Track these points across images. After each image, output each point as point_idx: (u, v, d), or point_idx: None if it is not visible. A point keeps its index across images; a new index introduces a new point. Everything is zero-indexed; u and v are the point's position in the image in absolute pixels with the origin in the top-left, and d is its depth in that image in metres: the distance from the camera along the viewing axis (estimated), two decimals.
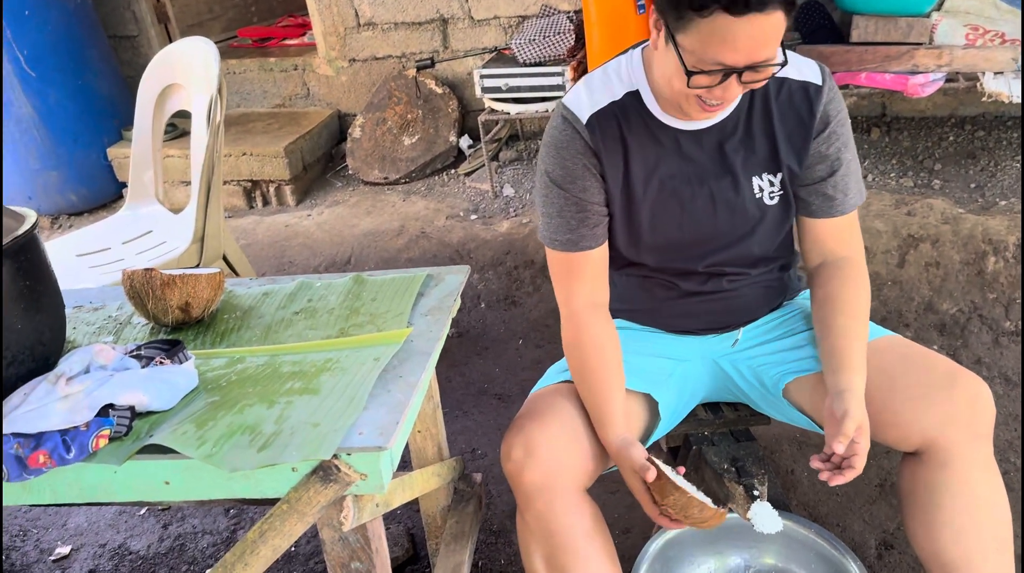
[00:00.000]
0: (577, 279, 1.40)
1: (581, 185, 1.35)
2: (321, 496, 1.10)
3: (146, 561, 2.06)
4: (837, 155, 1.38)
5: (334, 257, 3.11)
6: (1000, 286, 2.50)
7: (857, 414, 1.27)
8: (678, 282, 1.48)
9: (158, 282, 1.42)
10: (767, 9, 1.12)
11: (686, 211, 1.38)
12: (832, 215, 1.42)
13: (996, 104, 3.11)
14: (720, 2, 1.11)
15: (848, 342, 1.34)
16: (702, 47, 1.16)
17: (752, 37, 1.14)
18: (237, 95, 3.99)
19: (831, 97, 1.36)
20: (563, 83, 3.02)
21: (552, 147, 1.37)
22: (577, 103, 1.36)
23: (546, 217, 1.40)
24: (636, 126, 1.35)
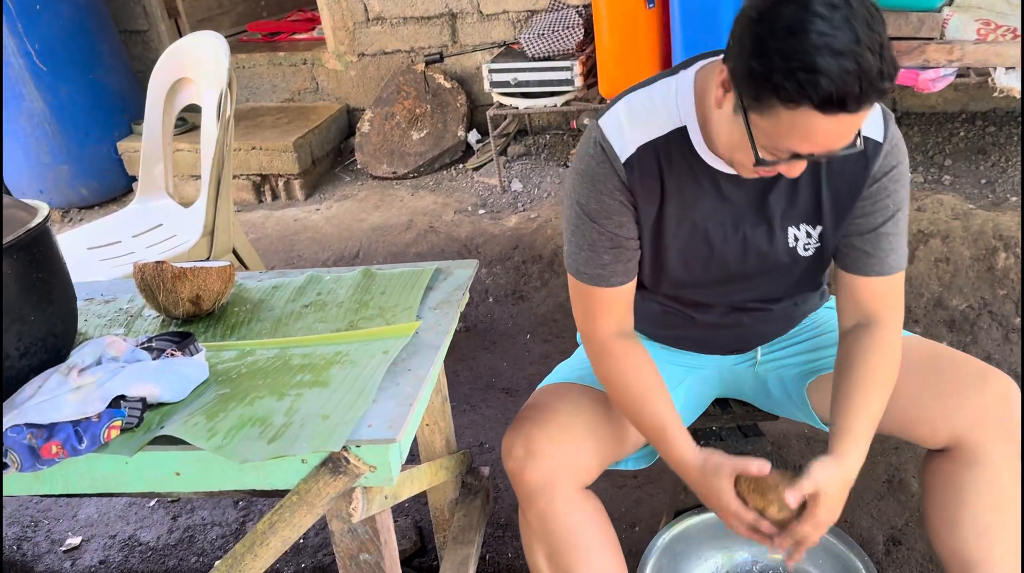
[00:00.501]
0: (605, 313, 1.33)
1: (617, 220, 1.26)
2: (331, 488, 1.11)
3: (156, 552, 2.08)
4: (884, 211, 1.26)
5: (342, 251, 3.12)
6: (1010, 282, 2.49)
7: (825, 483, 1.18)
8: (696, 314, 1.44)
9: (169, 275, 1.42)
10: (862, 109, 1.01)
11: (715, 254, 1.31)
12: (868, 274, 1.30)
13: (1007, 100, 3.09)
14: (812, 100, 0.98)
15: (856, 418, 1.25)
16: (778, 136, 1.05)
17: (836, 133, 1.03)
18: (246, 89, 4.00)
19: (889, 150, 1.24)
20: (572, 78, 3.02)
21: (587, 178, 1.26)
22: (616, 134, 1.23)
23: (576, 247, 1.30)
24: (677, 166, 1.24)
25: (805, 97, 0.98)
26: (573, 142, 3.54)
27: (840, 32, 0.96)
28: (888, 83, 0.98)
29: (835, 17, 0.96)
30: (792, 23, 0.97)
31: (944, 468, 1.34)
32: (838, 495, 1.21)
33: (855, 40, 0.95)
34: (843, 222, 1.28)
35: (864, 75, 0.96)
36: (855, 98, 0.97)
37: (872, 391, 1.26)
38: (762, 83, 1.00)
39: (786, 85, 0.98)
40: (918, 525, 1.85)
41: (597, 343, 1.34)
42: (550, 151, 3.51)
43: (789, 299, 1.46)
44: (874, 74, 0.96)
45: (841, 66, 0.95)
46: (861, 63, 0.95)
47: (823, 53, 0.95)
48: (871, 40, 0.96)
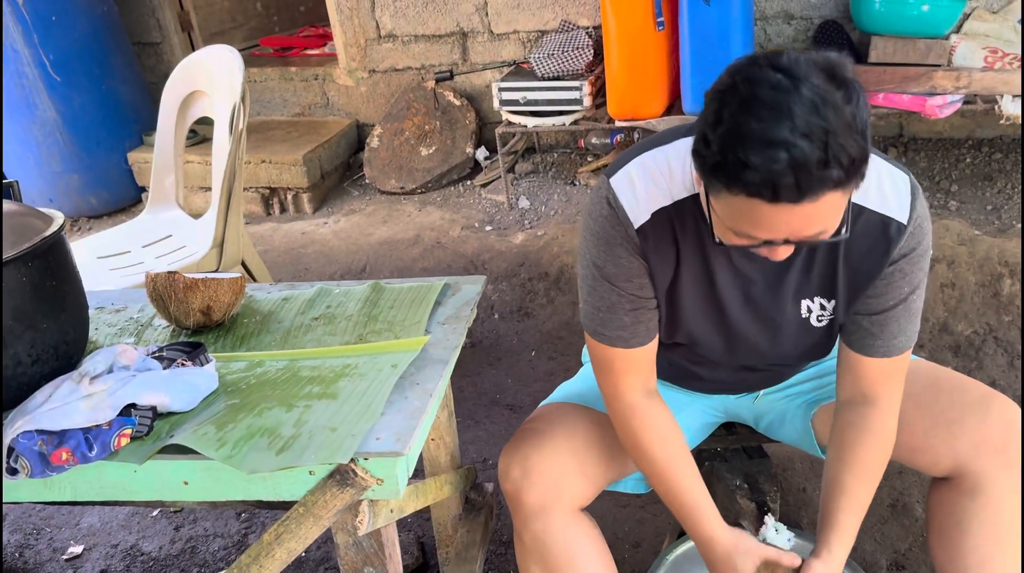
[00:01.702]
0: (628, 374, 1.28)
1: (638, 282, 1.22)
2: (337, 500, 1.11)
3: (157, 562, 2.07)
4: (897, 293, 1.20)
5: (350, 265, 3.13)
6: (1016, 308, 2.50)
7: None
8: (704, 371, 1.42)
9: (181, 285, 1.44)
10: (806, 199, 0.93)
11: (729, 321, 1.27)
12: (871, 355, 1.24)
13: (1014, 127, 3.10)
14: (744, 189, 0.94)
15: (845, 514, 1.24)
16: (733, 221, 1.01)
17: (793, 222, 0.97)
18: (257, 103, 4.03)
19: (913, 231, 1.16)
20: (581, 98, 3.04)
21: (602, 240, 1.20)
22: (629, 198, 1.18)
23: (593, 309, 1.25)
24: (690, 231, 1.19)
25: (736, 186, 0.94)
26: (581, 160, 3.56)
27: (776, 121, 0.90)
28: (837, 171, 0.91)
29: (777, 102, 0.91)
30: (732, 110, 0.93)
31: (947, 497, 1.33)
32: None
33: (791, 128, 0.90)
34: (856, 300, 1.23)
35: (797, 166, 0.90)
36: (791, 189, 0.91)
37: (862, 484, 1.25)
38: (705, 169, 0.98)
39: (720, 174, 0.95)
40: (921, 550, 1.85)
41: (623, 407, 1.29)
42: (557, 169, 3.54)
43: (800, 364, 1.46)
44: (811, 163, 0.90)
45: (769, 157, 0.90)
46: (793, 153, 0.90)
47: (752, 144, 0.91)
48: (811, 127, 0.90)
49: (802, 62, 0.94)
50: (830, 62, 0.95)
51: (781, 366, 1.44)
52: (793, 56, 0.95)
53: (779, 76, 0.93)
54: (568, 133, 3.61)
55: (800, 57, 0.95)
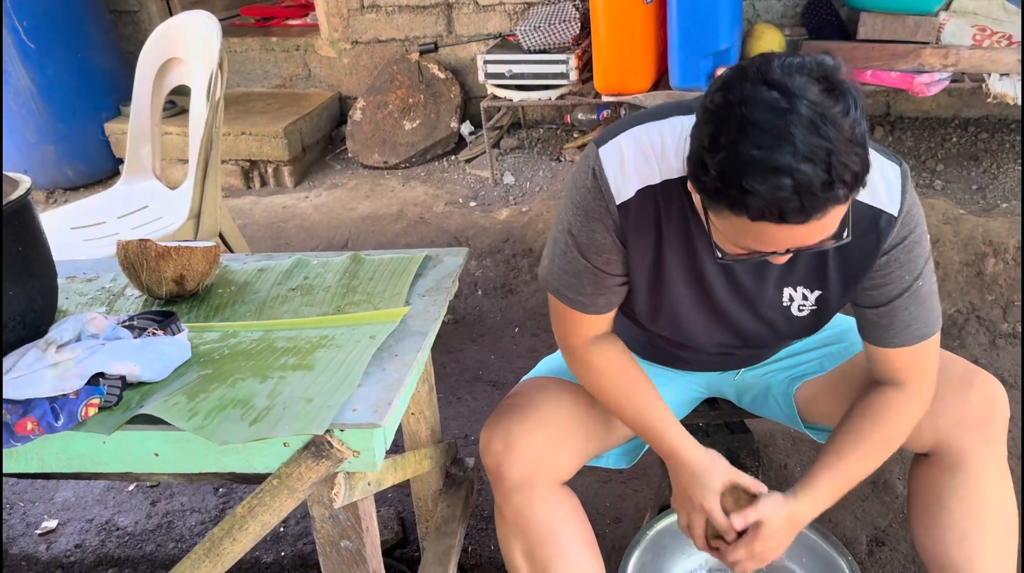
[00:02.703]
0: (581, 329, 1.29)
1: (606, 258, 1.20)
2: (312, 472, 1.09)
3: (133, 537, 2.05)
4: (898, 283, 1.17)
5: (331, 240, 3.09)
6: (999, 288, 2.50)
7: (768, 516, 1.20)
8: (685, 354, 1.42)
9: (153, 253, 1.40)
10: (812, 220, 0.92)
11: (714, 305, 1.26)
12: (888, 346, 1.21)
13: (1000, 106, 3.10)
14: (748, 215, 0.92)
15: (830, 476, 1.23)
16: (735, 237, 1.00)
17: (796, 238, 0.96)
18: (238, 74, 3.96)
19: (903, 220, 1.14)
20: (567, 71, 3.00)
21: (581, 210, 1.18)
22: (616, 172, 1.14)
23: (559, 269, 1.24)
24: (675, 213, 1.16)
25: (741, 211, 0.92)
26: (567, 136, 3.53)
27: (777, 146, 0.88)
28: (841, 190, 0.90)
29: (776, 126, 0.88)
30: (730, 135, 0.90)
31: (928, 472, 1.33)
32: (779, 532, 1.21)
33: (792, 153, 0.87)
34: (850, 292, 1.21)
35: (803, 191, 0.88)
36: (796, 212, 0.90)
37: (858, 455, 1.24)
38: (706, 192, 0.96)
39: (721, 201, 0.94)
40: (901, 526, 1.85)
41: (575, 353, 1.31)
42: (543, 145, 3.50)
43: (780, 349, 1.46)
44: (816, 186, 0.88)
45: (773, 185, 0.88)
46: (797, 178, 0.88)
47: (754, 171, 0.89)
48: (813, 150, 0.88)
49: (795, 74, 0.91)
50: (824, 70, 0.92)
51: (763, 348, 1.43)
52: (785, 66, 0.91)
53: (774, 95, 0.90)
54: (554, 108, 3.57)
55: (793, 66, 0.91)
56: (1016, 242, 2.51)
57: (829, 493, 1.24)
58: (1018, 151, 3.00)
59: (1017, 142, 3.04)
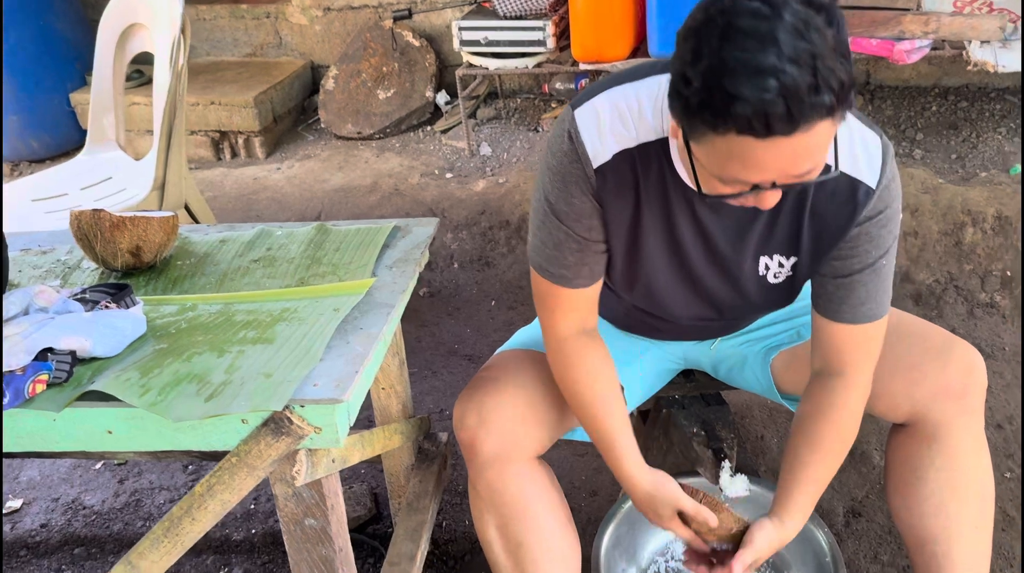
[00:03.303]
0: (566, 311, 1.25)
1: (587, 224, 1.16)
2: (272, 449, 1.05)
3: (100, 516, 2.00)
4: (863, 258, 1.15)
5: (303, 212, 3.03)
6: (977, 257, 2.49)
7: (763, 550, 1.19)
8: (661, 325, 1.39)
9: (107, 224, 1.34)
10: (799, 130, 0.88)
11: (690, 273, 1.23)
12: (838, 320, 1.19)
13: (980, 74, 3.07)
14: (734, 126, 0.88)
15: (803, 488, 1.22)
16: (719, 166, 0.95)
17: (784, 157, 0.91)
18: (206, 43, 3.86)
19: (881, 194, 1.11)
20: (544, 39, 2.93)
21: (557, 176, 1.15)
22: (592, 135, 1.11)
23: (540, 243, 1.20)
24: (654, 177, 1.13)
25: (726, 124, 0.88)
26: (544, 106, 3.47)
27: (761, 49, 0.85)
28: (828, 96, 0.87)
29: (760, 30, 0.86)
30: (712, 44, 0.87)
31: (905, 443, 1.32)
32: (771, 553, 1.22)
33: (777, 54, 0.85)
34: (820, 261, 1.18)
35: (789, 93, 0.85)
36: (783, 119, 0.86)
37: (820, 461, 1.22)
38: (688, 110, 0.92)
39: (706, 113, 0.90)
40: (878, 497, 1.85)
41: (555, 341, 1.26)
42: (521, 115, 3.44)
43: (755, 318, 1.43)
44: (802, 89, 0.85)
45: (758, 86, 0.85)
46: (783, 80, 0.84)
47: (739, 75, 0.86)
48: (799, 52, 0.85)
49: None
50: None
51: (737, 320, 1.41)
52: None
53: (757, 4, 0.87)
54: (531, 77, 3.51)
55: None
56: (995, 211, 2.49)
57: (809, 505, 1.24)
58: (997, 119, 2.98)
59: (996, 110, 3.02)
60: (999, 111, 3.02)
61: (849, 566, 1.68)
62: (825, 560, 1.42)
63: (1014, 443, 1.95)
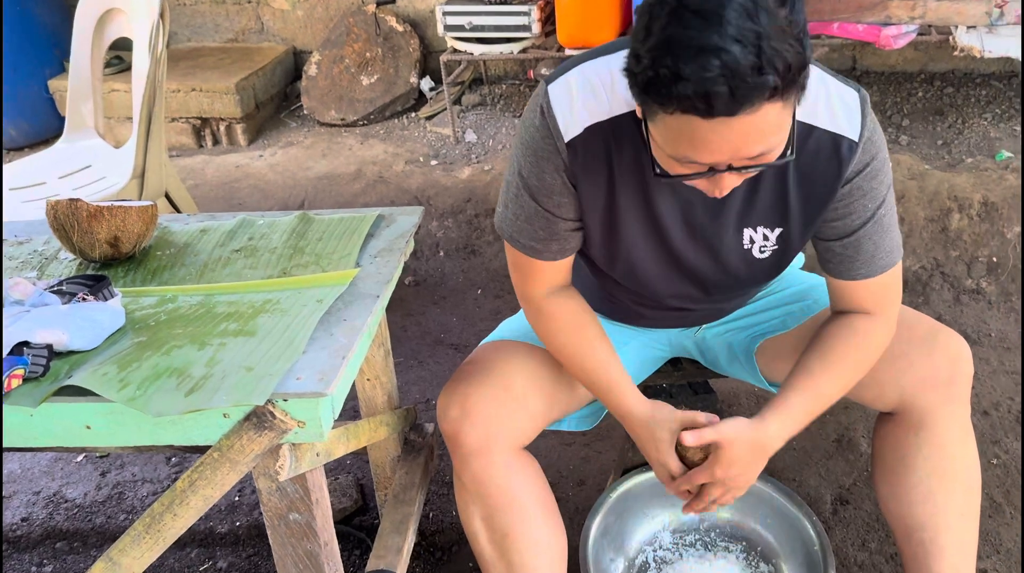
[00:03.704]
0: (540, 278, 1.25)
1: (557, 201, 1.16)
2: (255, 444, 1.03)
3: (82, 509, 1.98)
4: (861, 213, 1.14)
5: (286, 200, 2.99)
6: (963, 243, 2.49)
7: (729, 438, 1.15)
8: (644, 310, 1.38)
9: (84, 214, 1.31)
10: (743, 111, 0.87)
11: (670, 248, 1.21)
12: (854, 278, 1.19)
13: (966, 60, 3.07)
14: (679, 103, 0.87)
15: (799, 396, 1.19)
16: (670, 144, 0.95)
17: (730, 139, 0.91)
18: (187, 28, 3.80)
19: (864, 146, 1.10)
20: (529, 23, 2.90)
21: (530, 150, 1.14)
22: (564, 108, 1.10)
23: (512, 215, 1.20)
24: (627, 151, 1.11)
25: (671, 102, 0.88)
26: (530, 92, 3.44)
27: (707, 28, 0.84)
28: (772, 77, 0.85)
29: (707, 9, 0.85)
30: (661, 21, 0.87)
31: (892, 432, 1.32)
32: (743, 456, 1.17)
33: (720, 34, 0.84)
34: (813, 225, 1.17)
35: (731, 73, 0.84)
36: (725, 99, 0.85)
37: (829, 374, 1.20)
38: (638, 88, 0.92)
39: (651, 91, 0.89)
40: (866, 485, 1.85)
41: (532, 303, 1.28)
42: (506, 101, 3.41)
43: (742, 297, 1.41)
44: (743, 69, 0.84)
45: (701, 66, 0.84)
46: (724, 58, 0.83)
47: (682, 54, 0.85)
48: (744, 32, 0.84)
49: None
50: None
51: (723, 300, 1.39)
52: None
53: None
54: (517, 63, 3.48)
55: None
56: (981, 198, 2.49)
57: (801, 414, 1.19)
58: (983, 105, 2.98)
59: (983, 96, 3.02)
60: (985, 97, 3.02)
61: (837, 554, 1.68)
62: (813, 548, 1.42)
63: (1000, 430, 1.96)
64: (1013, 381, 2.11)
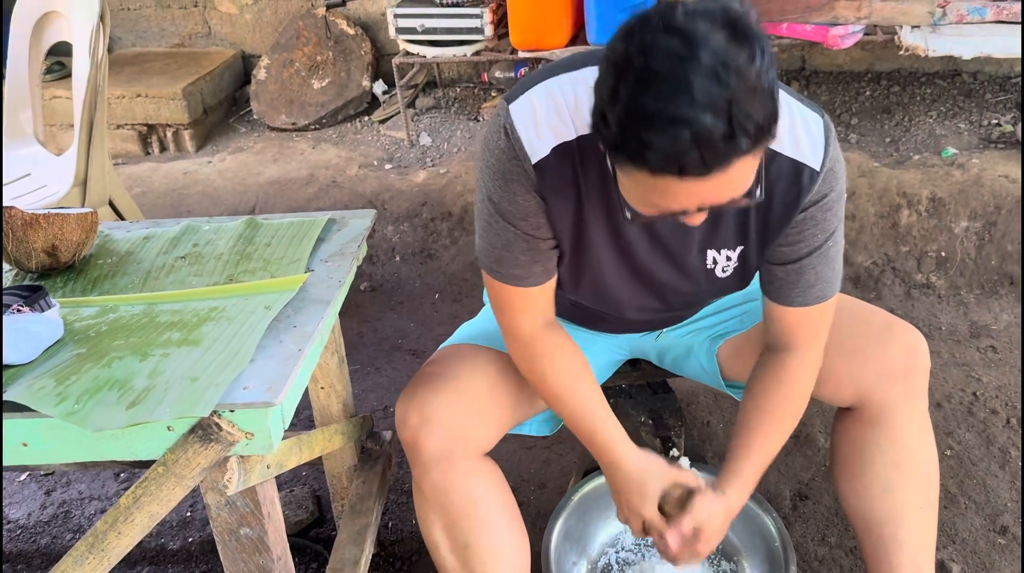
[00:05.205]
0: (525, 310, 1.21)
1: (534, 222, 1.12)
2: (201, 457, 0.99)
3: (26, 530, 1.90)
4: (810, 242, 1.14)
5: (236, 207, 2.93)
6: (913, 239, 2.53)
7: (706, 520, 1.18)
8: (607, 316, 1.36)
9: (19, 222, 1.26)
10: (715, 172, 0.86)
11: (636, 265, 1.20)
12: (788, 303, 1.19)
13: (911, 59, 3.13)
14: (648, 166, 0.86)
15: (748, 460, 1.22)
16: (640, 197, 0.95)
17: (701, 193, 0.90)
18: (132, 33, 3.71)
19: (824, 177, 1.10)
20: (481, 26, 2.89)
21: (498, 174, 1.10)
22: (529, 130, 1.07)
23: (488, 245, 1.16)
24: (593, 170, 1.09)
25: (642, 166, 0.87)
26: (484, 95, 3.42)
27: (675, 96, 0.82)
28: (744, 141, 0.84)
29: (674, 75, 0.82)
30: (629, 86, 0.84)
31: (850, 426, 1.33)
32: (718, 529, 1.20)
33: (690, 102, 0.81)
34: (767, 248, 1.17)
35: (702, 142, 0.82)
36: (696, 164, 0.84)
37: (772, 432, 1.23)
38: (607, 146, 0.91)
39: (619, 153, 0.88)
40: (824, 480, 1.86)
41: (521, 341, 1.23)
42: (460, 104, 3.39)
43: (703, 307, 1.42)
44: (715, 138, 0.82)
45: (671, 137, 0.83)
46: (695, 129, 0.82)
47: (652, 125, 0.83)
48: (713, 98, 0.81)
49: (699, 20, 0.84)
50: (730, 15, 0.85)
51: (685, 310, 1.39)
52: (689, 12, 0.85)
53: (675, 42, 0.83)
54: (471, 66, 3.46)
55: (697, 12, 0.85)
56: (928, 193, 2.54)
57: (753, 475, 1.23)
58: (928, 103, 3.04)
59: (927, 94, 3.08)
60: (930, 95, 3.08)
61: (798, 549, 1.68)
62: (774, 545, 1.42)
63: (953, 421, 1.99)
64: (964, 373, 2.14)
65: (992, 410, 2.01)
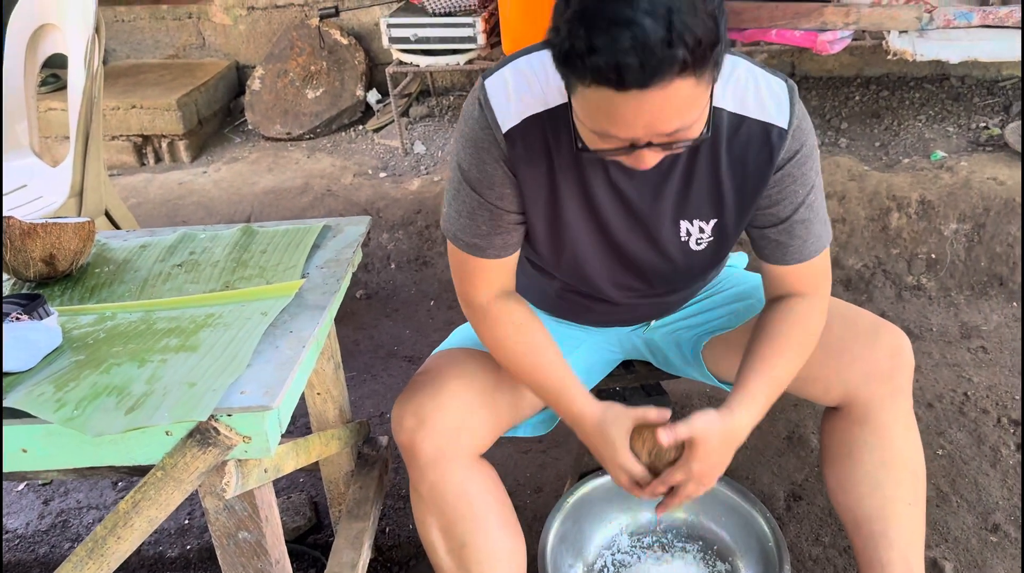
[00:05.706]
0: (483, 280, 1.24)
1: (499, 192, 1.16)
2: (199, 461, 1.00)
3: (24, 540, 1.91)
4: (793, 198, 1.17)
5: (232, 216, 2.94)
6: (903, 241, 2.55)
7: (702, 431, 1.14)
8: (592, 303, 1.37)
9: (17, 231, 1.27)
10: (654, 84, 0.88)
11: (611, 238, 1.22)
12: (788, 263, 1.22)
13: (900, 64, 3.16)
14: (592, 75, 0.89)
15: (757, 380, 1.20)
16: (589, 118, 0.97)
17: (644, 113, 0.92)
18: (126, 45, 3.73)
19: (794, 134, 1.13)
20: (474, 35, 2.91)
21: (470, 142, 1.15)
22: (501, 100, 1.12)
23: (454, 212, 1.20)
24: (564, 142, 1.12)
25: (585, 74, 0.90)
26: None
27: (621, 1, 0.86)
28: (681, 51, 0.86)
29: None
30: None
31: (838, 426, 1.35)
32: (718, 448, 1.16)
33: (634, 8, 0.85)
34: (747, 214, 1.19)
35: (641, 46, 0.85)
36: (636, 71, 0.87)
37: (781, 357, 1.21)
38: (557, 59, 0.94)
39: (567, 63, 0.92)
40: (817, 480, 1.87)
41: (476, 308, 1.26)
42: (454, 113, 3.41)
43: (685, 290, 1.42)
44: (653, 42, 0.85)
45: (612, 38, 0.86)
46: (635, 32, 0.85)
47: (596, 26, 0.87)
48: (655, 5, 0.85)
49: None
50: None
51: (667, 293, 1.39)
52: None
53: None
54: (464, 74, 3.48)
55: None
56: (918, 196, 2.56)
57: (764, 400, 1.20)
58: (917, 108, 3.07)
59: (916, 99, 3.11)
60: (918, 99, 3.11)
61: (792, 549, 1.70)
62: (768, 545, 1.43)
63: (944, 421, 2.01)
64: (955, 373, 2.16)
65: (983, 410, 2.03)
